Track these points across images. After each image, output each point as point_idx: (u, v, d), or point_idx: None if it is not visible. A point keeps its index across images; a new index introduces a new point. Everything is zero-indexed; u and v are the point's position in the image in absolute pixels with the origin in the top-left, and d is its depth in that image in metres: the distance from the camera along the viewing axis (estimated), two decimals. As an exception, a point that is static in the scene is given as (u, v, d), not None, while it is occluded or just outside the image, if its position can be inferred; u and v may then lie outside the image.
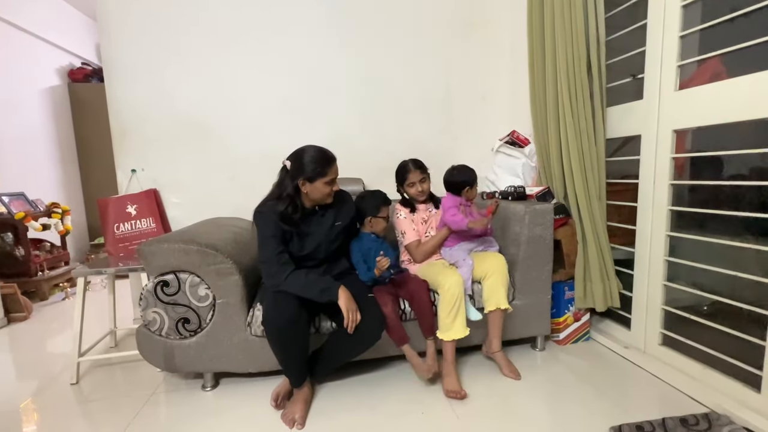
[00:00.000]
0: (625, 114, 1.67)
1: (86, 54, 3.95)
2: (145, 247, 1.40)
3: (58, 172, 3.57)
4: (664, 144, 1.49)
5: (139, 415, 1.39)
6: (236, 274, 1.44)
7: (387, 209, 1.62)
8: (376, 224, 1.59)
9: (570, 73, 1.67)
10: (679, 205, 1.53)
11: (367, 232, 1.61)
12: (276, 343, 1.30)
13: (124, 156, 2.10)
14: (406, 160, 1.72)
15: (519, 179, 1.96)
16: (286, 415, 1.33)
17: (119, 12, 2.01)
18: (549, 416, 1.34)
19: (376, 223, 1.59)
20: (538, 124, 1.92)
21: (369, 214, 1.59)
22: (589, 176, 1.68)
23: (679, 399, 1.39)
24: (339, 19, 2.18)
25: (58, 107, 3.61)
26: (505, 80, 2.35)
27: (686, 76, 1.46)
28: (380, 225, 1.60)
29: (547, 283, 1.70)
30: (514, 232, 1.66)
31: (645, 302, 1.63)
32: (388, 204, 1.63)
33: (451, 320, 1.44)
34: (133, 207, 2.05)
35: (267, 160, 2.04)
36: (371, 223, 1.60)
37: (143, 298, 1.42)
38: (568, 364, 1.66)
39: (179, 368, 1.49)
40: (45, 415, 1.44)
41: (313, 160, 1.37)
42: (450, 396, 1.42)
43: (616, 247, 1.75)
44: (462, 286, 1.46)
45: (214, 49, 2.09)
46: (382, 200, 1.61)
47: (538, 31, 1.86)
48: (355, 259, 1.57)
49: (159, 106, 2.09)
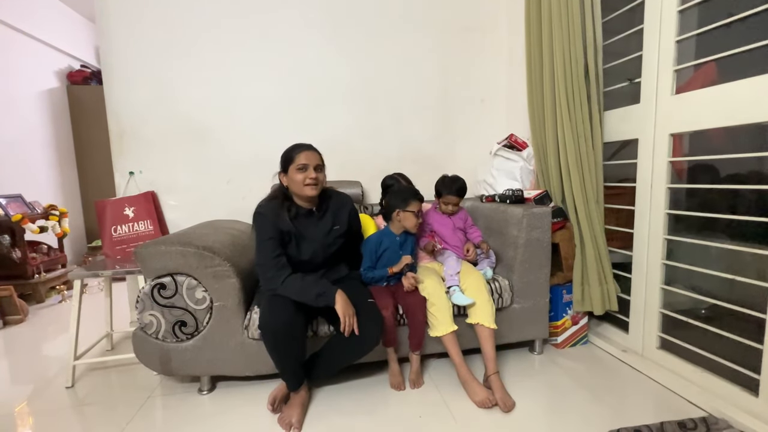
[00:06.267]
0: (622, 118, 1.67)
1: (85, 56, 3.96)
2: (143, 249, 1.40)
3: (56, 174, 3.56)
4: (661, 148, 1.50)
5: (134, 419, 1.38)
6: (233, 276, 1.44)
7: (418, 204, 1.54)
8: (405, 219, 1.53)
9: (567, 77, 1.68)
10: (677, 208, 1.53)
11: (394, 233, 1.57)
12: (272, 346, 1.29)
13: (122, 158, 2.10)
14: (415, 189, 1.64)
15: (517, 182, 1.96)
16: (282, 418, 1.32)
17: (118, 15, 2.01)
18: (546, 420, 1.33)
19: (405, 218, 1.53)
20: (536, 128, 1.93)
21: (397, 207, 1.54)
22: (586, 180, 1.69)
23: (677, 403, 1.39)
24: (337, 23, 2.18)
25: (57, 109, 3.61)
26: (503, 84, 2.36)
27: (683, 80, 1.47)
28: (410, 221, 1.53)
29: (545, 287, 1.70)
30: (511, 236, 1.66)
31: (643, 306, 1.63)
32: (420, 200, 1.57)
33: (434, 319, 1.49)
34: (130, 209, 2.05)
35: (264, 163, 2.05)
36: (399, 217, 1.55)
37: (140, 301, 1.41)
38: (566, 368, 1.65)
39: (176, 372, 1.48)
40: (40, 419, 1.42)
41: (285, 151, 1.41)
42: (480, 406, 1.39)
43: (613, 251, 1.75)
44: (440, 287, 1.53)
45: (212, 52, 2.09)
46: (412, 194, 1.56)
47: (535, 35, 1.87)
48: (368, 254, 1.56)
49: (157, 109, 2.09)
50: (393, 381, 1.53)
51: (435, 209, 1.79)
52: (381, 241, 1.58)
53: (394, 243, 1.58)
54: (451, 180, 1.72)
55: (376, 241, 1.57)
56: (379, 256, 1.58)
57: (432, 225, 1.73)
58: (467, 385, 1.45)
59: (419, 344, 1.54)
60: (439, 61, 2.30)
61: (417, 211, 1.54)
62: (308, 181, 1.36)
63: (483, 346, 1.49)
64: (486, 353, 1.48)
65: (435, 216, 1.74)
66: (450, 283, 1.55)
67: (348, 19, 2.19)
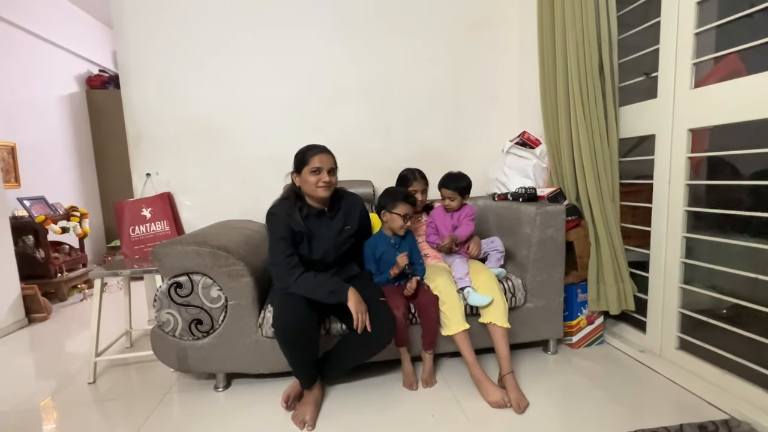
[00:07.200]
0: (638, 113, 1.64)
1: (103, 61, 4.06)
2: (160, 249, 1.43)
3: (77, 176, 3.67)
4: (679, 143, 1.46)
5: (153, 415, 1.41)
6: (247, 275, 1.46)
7: (407, 208, 1.52)
8: (390, 220, 1.54)
9: (582, 73, 1.65)
10: (696, 205, 1.49)
11: (387, 235, 1.58)
12: (285, 345, 1.30)
13: (139, 160, 2.15)
14: (411, 168, 1.78)
15: (530, 180, 1.94)
16: (296, 416, 1.34)
17: (134, 20, 2.06)
18: (561, 421, 1.31)
19: (390, 219, 1.54)
20: (549, 125, 1.90)
21: (385, 208, 1.55)
22: (601, 177, 1.66)
23: (698, 405, 1.35)
24: (347, 22, 2.19)
25: (77, 113, 3.72)
26: (515, 80, 2.33)
27: (702, 74, 1.43)
28: (395, 222, 1.53)
29: (559, 286, 1.67)
30: (524, 234, 1.64)
31: (661, 305, 1.59)
32: (411, 203, 1.55)
33: (446, 317, 1.49)
34: (148, 210, 2.10)
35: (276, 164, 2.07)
36: (386, 218, 1.56)
37: (157, 300, 1.45)
38: (581, 368, 1.63)
39: (192, 368, 1.51)
40: (64, 414, 1.47)
41: (299, 152, 1.42)
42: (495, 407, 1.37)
43: (630, 249, 1.72)
44: (452, 285, 1.52)
45: (224, 54, 2.13)
46: (403, 196, 1.54)
47: (548, 31, 1.84)
48: (367, 260, 1.57)
49: (172, 112, 2.13)
50: (406, 380, 1.54)
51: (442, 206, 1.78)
52: (376, 245, 1.58)
53: (388, 246, 1.56)
54: (448, 174, 1.70)
55: (372, 247, 1.58)
56: (378, 260, 1.58)
57: (435, 221, 1.72)
58: (481, 384, 1.44)
59: (432, 343, 1.54)
60: (450, 58, 2.29)
61: (404, 214, 1.51)
62: (321, 184, 1.37)
63: (496, 345, 1.48)
64: (500, 353, 1.47)
65: (439, 213, 1.72)
66: (462, 285, 1.54)
67: (358, 20, 2.20)
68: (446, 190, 1.66)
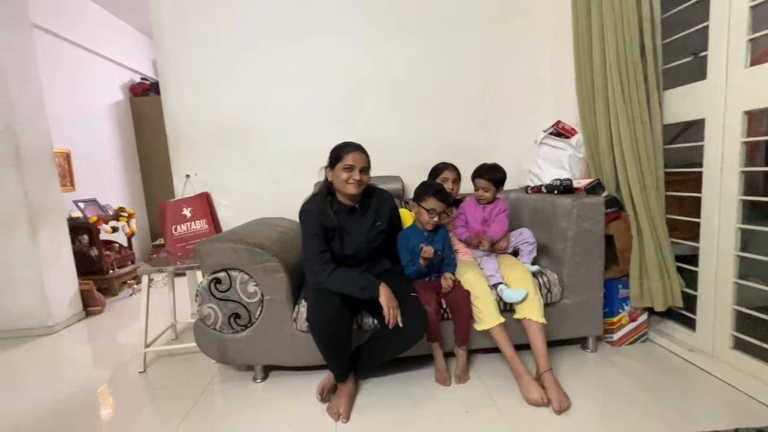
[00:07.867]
0: (685, 96, 1.53)
1: (144, 69, 4.29)
2: (200, 246, 1.50)
3: (123, 179, 3.92)
4: (733, 127, 1.35)
5: (198, 403, 1.50)
6: (282, 271, 1.50)
7: (435, 203, 1.48)
8: (418, 213, 1.54)
9: (621, 56, 1.56)
10: (752, 194, 1.38)
11: (419, 228, 1.57)
12: (319, 339, 1.34)
13: (179, 162, 2.27)
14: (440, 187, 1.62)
15: (565, 171, 1.86)
16: (331, 408, 1.37)
17: (172, 29, 2.16)
18: (602, 422, 1.26)
19: (418, 212, 1.54)
20: (586, 113, 1.81)
21: (415, 199, 1.55)
22: (644, 166, 1.57)
23: (754, 408, 1.26)
24: (373, 19, 2.19)
25: (122, 120, 3.96)
26: (548, 69, 2.24)
27: (758, 51, 1.31)
28: (422, 216, 1.51)
29: (599, 281, 1.61)
30: (560, 228, 1.58)
31: (712, 301, 1.49)
32: (442, 200, 1.49)
33: (479, 312, 1.47)
34: (188, 209, 2.20)
35: (307, 162, 2.12)
36: (415, 210, 1.56)
37: (199, 295, 1.52)
38: (623, 367, 1.56)
39: (232, 360, 1.58)
40: (118, 400, 1.59)
41: (335, 148, 1.43)
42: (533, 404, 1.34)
43: (676, 242, 1.61)
44: (483, 279, 1.51)
45: (254, 58, 2.19)
46: (433, 191, 1.50)
47: (583, 14, 1.75)
48: (400, 250, 1.57)
49: (208, 115, 2.22)
50: (439, 376, 1.53)
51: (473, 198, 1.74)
52: (409, 238, 1.56)
53: (422, 239, 1.55)
54: (482, 165, 1.66)
55: (405, 239, 1.57)
56: (410, 251, 1.57)
57: (465, 213, 1.68)
58: (521, 379, 1.39)
59: (465, 339, 1.52)
60: (480, 50, 2.24)
61: (431, 209, 1.48)
62: (351, 181, 1.39)
63: (533, 342, 1.44)
64: (537, 349, 1.42)
65: (470, 205, 1.68)
66: (495, 281, 1.51)
67: (384, 15, 2.19)
68: (480, 180, 1.63)
